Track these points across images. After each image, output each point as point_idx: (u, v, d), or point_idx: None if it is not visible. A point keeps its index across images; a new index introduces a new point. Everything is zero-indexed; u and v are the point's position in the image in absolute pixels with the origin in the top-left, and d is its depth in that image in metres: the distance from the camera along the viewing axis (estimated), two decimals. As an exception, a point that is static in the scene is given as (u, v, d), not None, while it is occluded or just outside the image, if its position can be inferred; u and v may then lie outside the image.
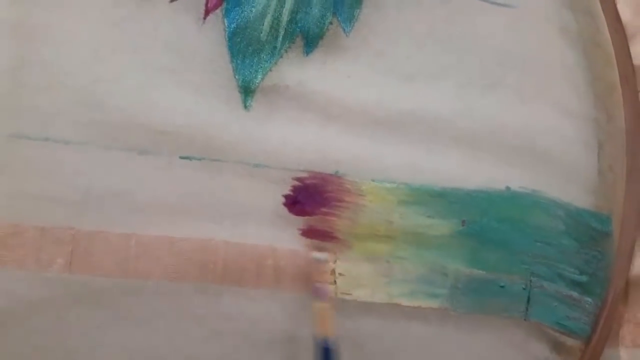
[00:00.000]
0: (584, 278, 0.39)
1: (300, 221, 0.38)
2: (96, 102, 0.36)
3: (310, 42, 0.38)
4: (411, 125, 0.39)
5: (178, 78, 0.37)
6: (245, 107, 0.37)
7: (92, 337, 0.36)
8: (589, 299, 0.39)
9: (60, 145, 0.36)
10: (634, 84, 0.40)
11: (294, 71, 0.38)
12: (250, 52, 0.37)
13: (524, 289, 0.38)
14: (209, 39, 0.37)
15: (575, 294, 0.39)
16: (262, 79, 0.37)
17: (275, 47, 0.38)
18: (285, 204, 0.37)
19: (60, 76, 0.36)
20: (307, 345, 0.37)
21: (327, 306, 0.34)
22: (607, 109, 0.40)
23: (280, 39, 0.38)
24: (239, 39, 0.37)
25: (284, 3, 0.38)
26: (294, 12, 0.38)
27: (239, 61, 0.37)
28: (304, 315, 0.37)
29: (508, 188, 0.39)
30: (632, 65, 0.40)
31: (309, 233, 0.38)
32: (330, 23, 0.38)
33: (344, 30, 0.38)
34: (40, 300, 0.36)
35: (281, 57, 0.38)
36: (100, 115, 0.36)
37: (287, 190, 0.38)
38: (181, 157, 0.37)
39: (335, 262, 0.37)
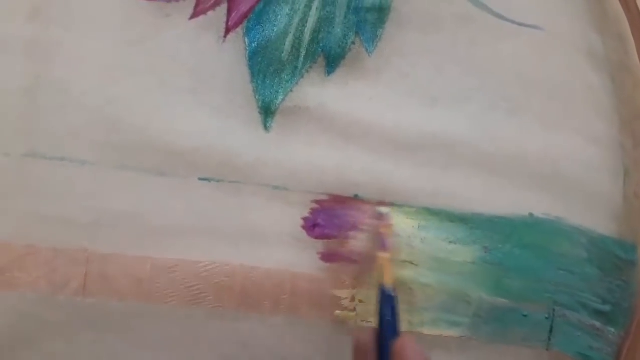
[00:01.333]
0: (607, 307, 0.38)
1: (319, 245, 0.37)
2: (112, 123, 0.36)
3: (332, 62, 0.37)
4: (432, 148, 0.38)
5: (197, 98, 0.36)
6: (266, 128, 0.37)
7: (104, 362, 0.35)
8: (612, 329, 0.38)
9: (75, 165, 0.35)
10: (663, 110, 0.39)
11: (315, 92, 0.37)
12: (272, 72, 0.36)
13: (546, 318, 0.37)
14: (229, 58, 0.36)
15: (598, 324, 0.38)
16: (283, 99, 0.37)
17: (296, 67, 0.37)
18: (304, 227, 0.37)
19: (76, 96, 0.35)
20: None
21: (389, 256, 0.35)
22: (634, 135, 0.40)
23: (301, 58, 0.37)
24: (259, 59, 0.36)
25: (306, 22, 0.37)
26: (316, 32, 0.37)
27: (259, 81, 0.36)
28: (322, 342, 0.36)
29: (531, 214, 0.38)
30: (661, 90, 0.39)
31: (328, 257, 0.37)
32: (353, 43, 0.37)
33: (367, 50, 0.37)
34: (53, 323, 0.35)
35: (302, 77, 0.37)
36: (117, 136, 0.36)
37: (306, 213, 0.37)
38: (200, 179, 0.36)
39: (355, 289, 0.37)
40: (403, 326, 0.36)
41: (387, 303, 0.33)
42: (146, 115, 0.36)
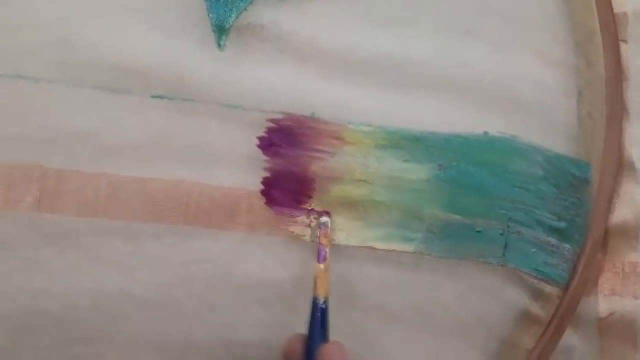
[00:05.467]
0: (562, 224, 0.38)
1: (275, 164, 0.37)
2: (67, 41, 0.36)
3: (287, -18, 0.37)
4: (388, 68, 0.38)
5: (150, 16, 0.36)
6: (219, 46, 0.37)
7: (61, 278, 0.35)
8: (568, 246, 0.38)
9: (30, 82, 0.35)
10: (614, 31, 0.39)
11: (270, 11, 0.37)
12: (225, -9, 0.37)
13: (501, 234, 0.37)
14: None
15: (553, 240, 0.38)
16: (236, 18, 0.37)
17: (250, -13, 0.37)
18: (259, 146, 0.37)
19: (32, 15, 0.36)
20: (279, 289, 0.36)
21: (323, 268, 0.34)
22: (587, 56, 0.40)
23: (255, -23, 0.37)
24: (213, -23, 0.37)
25: (260, -58, 0.37)
26: (270, -48, 0.37)
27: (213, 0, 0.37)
28: (276, 258, 0.36)
29: (486, 133, 0.38)
30: (613, 12, 0.40)
31: (284, 176, 0.37)
32: (308, -37, 0.38)
33: (322, -29, 0.38)
34: (8, 239, 0.35)
35: (257, -4, 0.37)
36: (71, 54, 0.36)
37: (261, 132, 0.37)
38: (153, 97, 0.36)
39: (310, 205, 0.37)
40: (356, 241, 0.37)
41: (318, 314, 0.33)
42: (100, 33, 0.36)
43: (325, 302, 0.33)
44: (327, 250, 0.35)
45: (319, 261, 0.35)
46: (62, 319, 0.35)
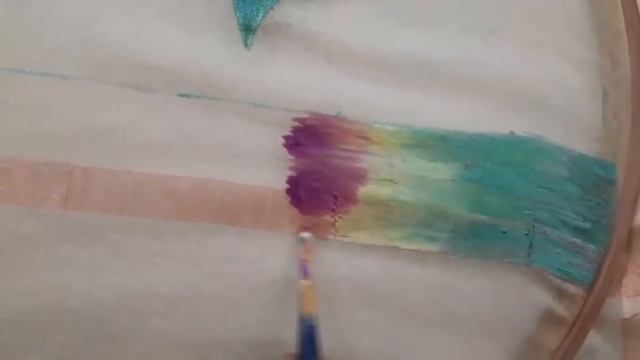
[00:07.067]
0: (587, 225, 0.38)
1: (300, 163, 0.37)
2: (94, 39, 0.36)
3: (314, -19, 0.37)
4: (414, 68, 0.38)
5: (177, 14, 0.36)
6: (246, 45, 0.37)
7: (86, 274, 0.35)
8: (592, 246, 0.38)
9: (57, 80, 0.35)
10: (640, 31, 0.39)
11: (296, 10, 0.37)
12: (252, -10, 0.37)
13: (526, 234, 0.38)
14: None
15: (578, 241, 0.38)
16: (264, 17, 0.37)
17: (277, -14, 0.37)
18: (285, 145, 0.37)
19: (59, 13, 0.36)
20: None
21: (309, 284, 0.34)
22: (612, 56, 0.40)
23: (282, -24, 0.37)
24: (240, -24, 0.37)
25: (287, -59, 0.37)
26: (297, -49, 0.37)
27: (240, -1, 0.37)
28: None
29: (512, 133, 0.38)
30: (638, 12, 0.39)
31: (309, 175, 0.37)
32: (334, -37, 0.38)
33: (348, -29, 0.38)
34: (34, 236, 0.35)
35: (283, -5, 0.37)
36: (99, 52, 0.36)
37: (287, 131, 0.37)
38: (179, 95, 0.36)
39: (335, 204, 0.37)
40: (380, 240, 0.37)
41: (307, 332, 0.32)
42: (127, 31, 0.36)
43: (314, 319, 0.32)
44: (309, 265, 0.34)
45: (304, 277, 0.34)
46: (87, 315, 0.35)
